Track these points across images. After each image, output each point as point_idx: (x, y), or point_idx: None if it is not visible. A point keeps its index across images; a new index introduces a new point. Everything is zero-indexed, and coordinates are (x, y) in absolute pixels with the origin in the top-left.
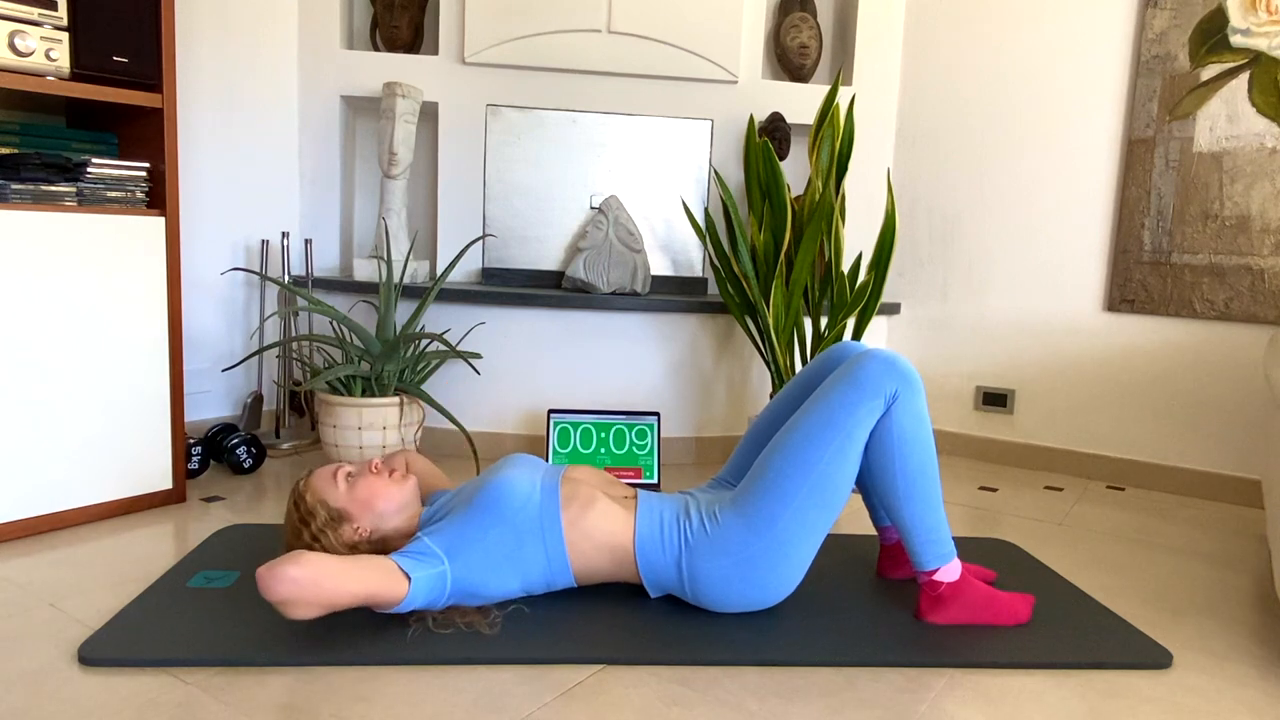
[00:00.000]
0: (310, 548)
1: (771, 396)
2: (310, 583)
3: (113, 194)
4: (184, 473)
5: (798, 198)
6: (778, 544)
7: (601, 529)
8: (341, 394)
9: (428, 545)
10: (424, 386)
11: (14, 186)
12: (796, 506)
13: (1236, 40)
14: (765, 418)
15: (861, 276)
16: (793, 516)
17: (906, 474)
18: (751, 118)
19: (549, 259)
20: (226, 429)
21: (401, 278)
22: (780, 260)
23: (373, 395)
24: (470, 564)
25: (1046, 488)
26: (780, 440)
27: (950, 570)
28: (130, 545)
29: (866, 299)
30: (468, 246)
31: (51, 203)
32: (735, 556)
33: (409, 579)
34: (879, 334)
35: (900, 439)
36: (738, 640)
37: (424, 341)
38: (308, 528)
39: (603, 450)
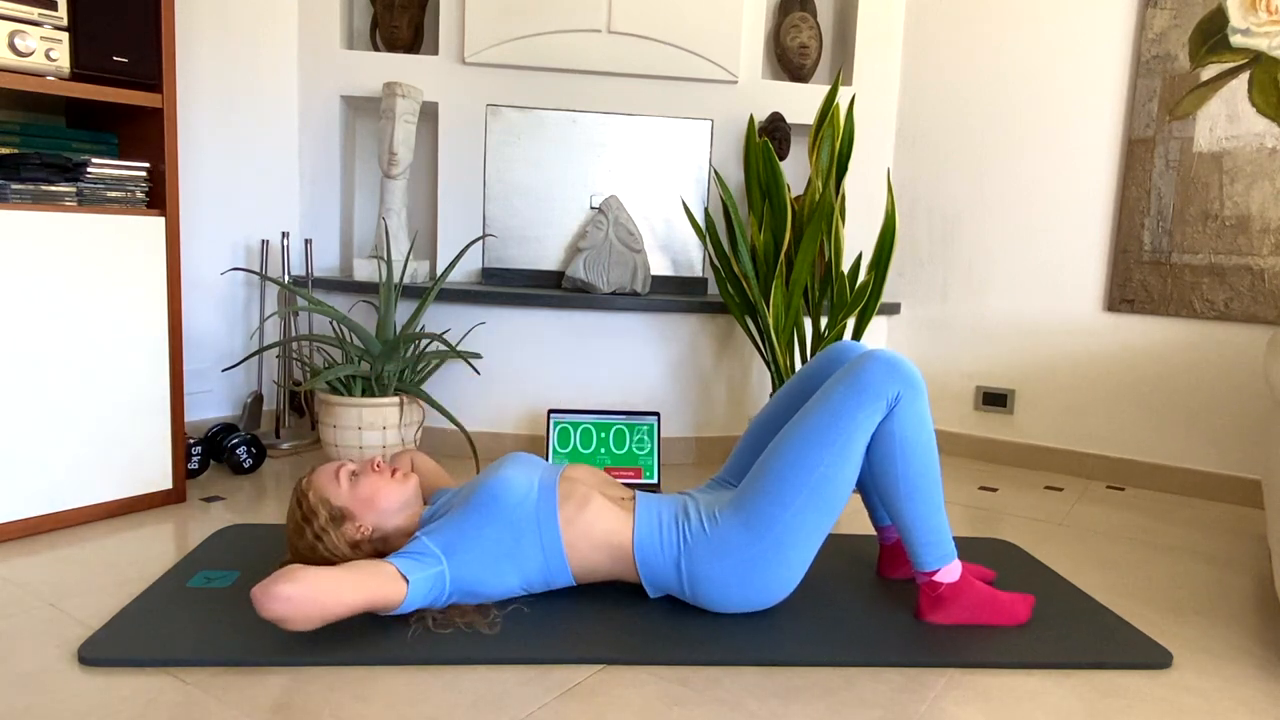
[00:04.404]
0: (313, 547)
1: (771, 396)
2: (306, 599)
3: (113, 194)
4: (184, 473)
5: (798, 198)
6: (777, 546)
7: (598, 528)
8: (341, 394)
9: (426, 545)
10: (424, 386)
11: (14, 186)
12: (796, 509)
13: (1236, 40)
14: (764, 417)
15: (861, 276)
16: (792, 519)
17: (908, 477)
18: (751, 118)
19: (549, 259)
20: (226, 429)
21: (401, 278)
22: (780, 260)
23: (373, 395)
24: (468, 562)
25: (1046, 488)
26: (780, 442)
27: (950, 571)
28: (130, 545)
29: (866, 299)
30: (468, 246)
31: (51, 203)
32: (734, 559)
33: (407, 581)
34: (879, 334)
35: (902, 442)
36: (738, 640)
37: (424, 341)
38: (310, 526)
39: (603, 450)
